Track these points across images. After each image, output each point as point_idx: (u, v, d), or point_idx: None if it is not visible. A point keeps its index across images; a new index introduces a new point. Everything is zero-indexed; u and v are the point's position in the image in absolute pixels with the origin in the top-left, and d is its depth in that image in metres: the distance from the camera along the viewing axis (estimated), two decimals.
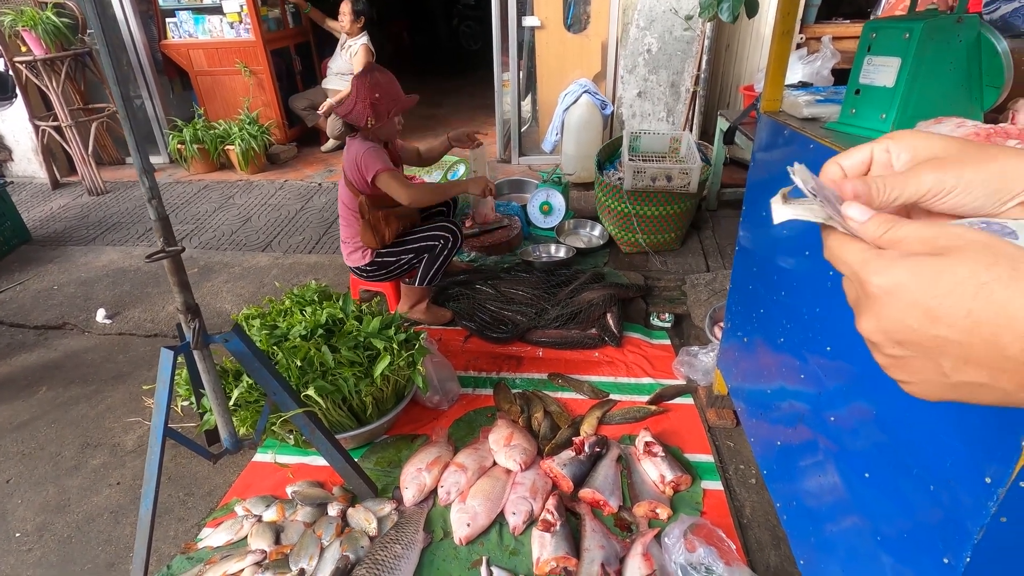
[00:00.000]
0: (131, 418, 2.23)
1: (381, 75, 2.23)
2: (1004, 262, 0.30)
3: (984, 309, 0.29)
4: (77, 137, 4.33)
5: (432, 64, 9.27)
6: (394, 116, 2.28)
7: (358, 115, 2.21)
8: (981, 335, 0.30)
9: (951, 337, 0.31)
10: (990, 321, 0.29)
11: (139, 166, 1.25)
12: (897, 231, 0.34)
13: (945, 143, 0.38)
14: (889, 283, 0.33)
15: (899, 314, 0.32)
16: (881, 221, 0.35)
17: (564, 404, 2.18)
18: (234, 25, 4.66)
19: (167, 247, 1.33)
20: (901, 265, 0.33)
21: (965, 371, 0.32)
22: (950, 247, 0.32)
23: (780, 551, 1.62)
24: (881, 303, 0.33)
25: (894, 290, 0.32)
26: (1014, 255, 0.30)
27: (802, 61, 3.04)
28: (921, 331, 0.32)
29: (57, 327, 2.89)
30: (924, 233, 0.33)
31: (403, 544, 1.58)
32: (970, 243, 0.31)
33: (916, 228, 0.33)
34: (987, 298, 0.29)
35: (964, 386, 0.32)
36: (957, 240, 0.32)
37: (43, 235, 3.90)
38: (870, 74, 1.28)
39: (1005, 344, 0.29)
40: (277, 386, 1.53)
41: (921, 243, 0.33)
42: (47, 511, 1.85)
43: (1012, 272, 0.29)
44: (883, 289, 0.33)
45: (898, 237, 0.34)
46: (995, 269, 0.30)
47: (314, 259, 3.43)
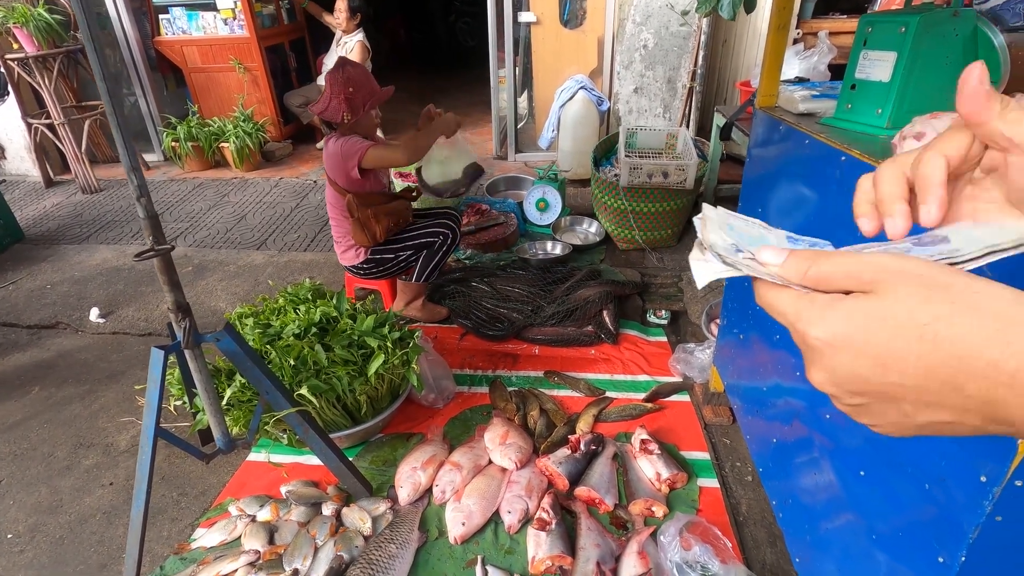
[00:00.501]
0: (124, 418, 2.22)
1: (353, 69, 2.20)
2: (939, 295, 0.28)
3: (933, 353, 0.28)
4: (70, 135, 4.30)
5: (429, 61, 9.23)
6: (370, 109, 2.26)
7: (333, 111, 2.20)
8: (937, 378, 0.28)
9: (906, 383, 0.29)
10: (943, 364, 0.28)
11: (127, 164, 1.23)
12: (819, 268, 0.32)
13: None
14: (828, 335, 0.31)
15: (847, 366, 0.31)
16: (799, 260, 0.33)
17: (560, 402, 2.18)
18: (228, 21, 4.62)
19: (156, 245, 1.32)
20: (835, 313, 0.31)
21: (928, 413, 0.30)
22: (877, 281, 0.30)
23: (776, 549, 1.62)
24: (825, 355, 0.32)
25: (834, 341, 0.31)
26: (947, 284, 0.28)
27: (799, 56, 3.03)
28: (874, 380, 0.30)
29: (50, 326, 2.87)
30: (848, 267, 0.31)
31: (398, 543, 1.58)
32: (896, 276, 0.29)
33: (838, 263, 0.32)
34: (932, 340, 0.28)
35: (931, 425, 0.31)
36: (883, 272, 0.30)
37: (36, 234, 3.88)
38: (866, 69, 1.26)
39: (962, 384, 0.28)
40: (270, 385, 1.52)
41: (848, 278, 0.31)
42: (39, 512, 1.84)
43: (951, 307, 0.28)
44: (823, 341, 0.31)
45: (823, 274, 0.32)
46: (932, 306, 0.28)
47: (309, 257, 3.41)
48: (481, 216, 3.37)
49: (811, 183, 1.34)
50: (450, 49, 9.48)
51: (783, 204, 1.51)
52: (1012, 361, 0.26)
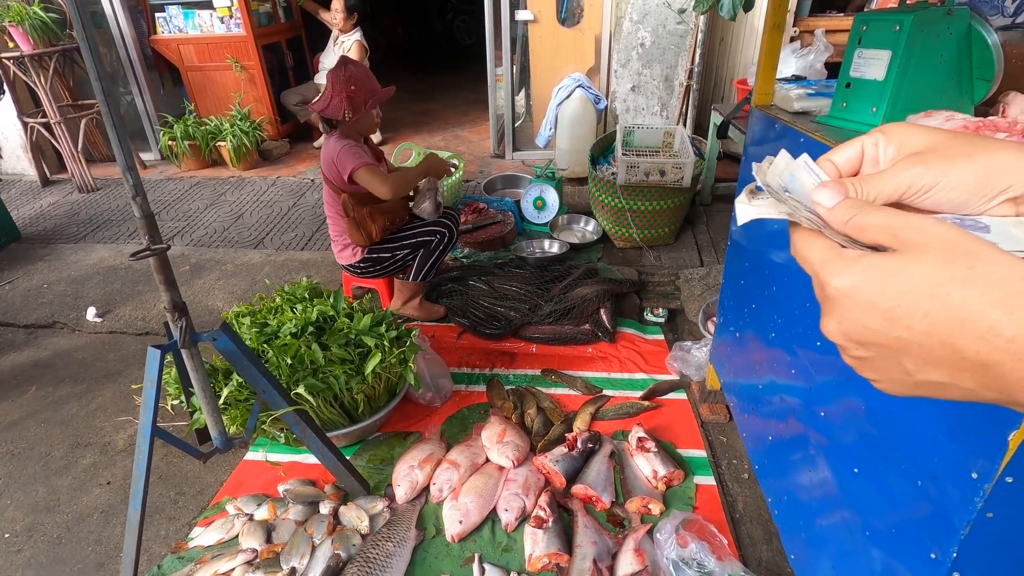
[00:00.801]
0: (122, 417, 2.22)
1: (355, 68, 2.21)
2: (960, 260, 0.29)
3: (940, 311, 0.29)
4: (66, 134, 4.29)
5: (426, 59, 9.22)
6: (371, 108, 2.26)
7: (335, 109, 2.20)
8: (939, 337, 0.29)
9: (911, 339, 0.30)
10: (946, 323, 0.29)
11: (122, 163, 1.23)
12: (864, 218, 0.33)
13: (931, 136, 0.37)
14: (846, 285, 0.32)
15: (858, 316, 0.32)
16: (849, 205, 0.34)
17: (557, 400, 2.18)
18: (224, 20, 4.61)
19: (152, 245, 1.32)
20: (858, 266, 0.32)
21: (927, 371, 0.31)
22: (911, 242, 0.31)
23: (772, 546, 1.62)
24: (840, 305, 0.33)
25: (851, 292, 0.32)
26: (972, 251, 0.29)
27: (795, 55, 3.03)
28: (881, 333, 0.31)
29: (47, 326, 2.86)
30: (890, 222, 0.32)
31: (395, 542, 1.58)
32: (932, 238, 0.30)
33: (883, 216, 0.32)
34: (943, 300, 0.29)
35: (928, 384, 0.32)
36: (919, 234, 0.31)
37: (33, 233, 3.87)
38: (860, 67, 1.27)
39: (962, 347, 0.29)
40: (267, 384, 1.52)
41: (885, 233, 0.32)
42: (36, 511, 1.84)
43: (967, 272, 0.29)
44: (841, 291, 0.32)
45: (864, 224, 0.33)
46: (951, 268, 0.29)
47: (307, 256, 3.41)
48: (478, 215, 3.38)
49: None
50: (447, 47, 9.47)
51: None
52: (1012, 327, 0.27)
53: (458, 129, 5.64)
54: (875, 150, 0.38)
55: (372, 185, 2.23)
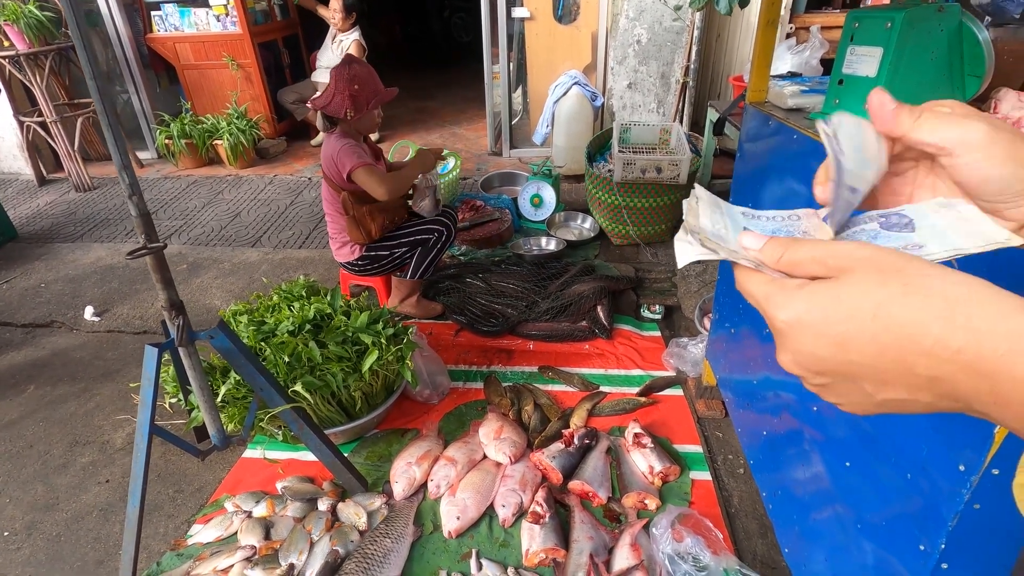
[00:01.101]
0: (120, 415, 2.22)
1: (360, 67, 2.21)
2: (893, 278, 0.30)
3: (885, 332, 0.29)
4: (63, 132, 4.28)
5: (424, 57, 9.21)
6: (373, 108, 2.26)
7: (336, 107, 2.20)
8: (889, 357, 0.30)
9: (862, 362, 0.31)
10: (893, 343, 0.29)
11: (117, 162, 1.24)
12: (793, 253, 0.34)
13: None
14: (791, 317, 0.33)
15: (808, 347, 0.32)
16: (776, 245, 0.35)
17: (554, 397, 2.19)
18: (220, 18, 4.60)
19: (149, 243, 1.32)
20: (799, 297, 0.33)
21: (885, 390, 0.32)
22: (841, 267, 0.32)
23: (767, 539, 1.64)
24: (790, 337, 0.33)
25: (797, 324, 0.33)
26: (902, 267, 0.30)
27: (791, 51, 3.03)
28: (833, 360, 0.32)
29: (45, 325, 2.87)
30: (817, 252, 0.33)
31: (393, 538, 1.59)
32: (860, 261, 0.31)
33: (809, 249, 0.33)
34: (885, 320, 0.29)
35: (890, 402, 0.32)
36: (847, 260, 0.32)
37: (30, 232, 3.86)
38: (853, 64, 1.27)
39: (911, 363, 0.29)
40: (264, 382, 1.53)
41: (815, 263, 0.33)
42: (36, 509, 1.85)
43: (903, 287, 0.29)
44: (787, 324, 0.33)
45: (795, 260, 0.34)
46: (886, 288, 0.30)
47: (304, 254, 3.41)
48: (476, 212, 3.38)
49: (799, 177, 1.36)
50: (445, 45, 9.45)
51: (773, 198, 1.52)
52: (956, 338, 0.28)
53: (455, 127, 5.64)
54: None
55: (370, 186, 2.24)
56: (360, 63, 2.23)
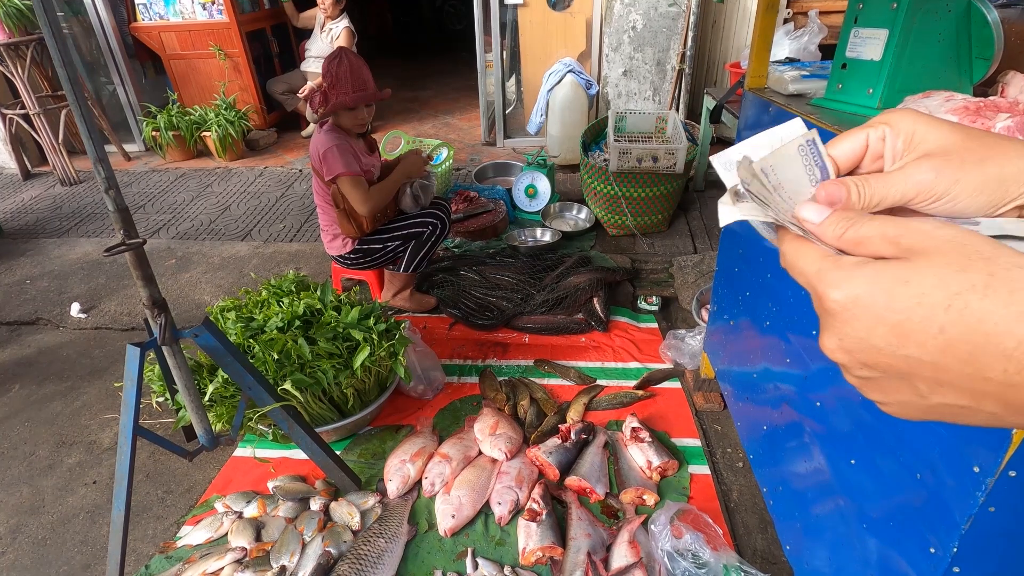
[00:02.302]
0: (107, 415, 2.18)
1: (339, 64, 2.10)
2: (978, 266, 0.26)
3: (957, 324, 0.25)
4: (46, 125, 4.19)
5: (416, 45, 9.08)
6: (350, 107, 2.14)
7: (312, 99, 2.15)
8: (956, 355, 0.26)
9: (923, 358, 0.27)
10: (965, 339, 0.25)
11: (92, 155, 1.18)
12: (858, 229, 0.30)
13: (943, 134, 0.33)
14: (847, 297, 0.28)
15: (862, 333, 0.28)
16: (839, 219, 0.31)
17: (551, 391, 2.16)
18: (206, 6, 4.50)
19: (128, 240, 1.27)
20: (860, 275, 0.28)
21: (942, 393, 0.28)
22: (916, 248, 0.27)
23: (767, 535, 1.61)
24: (841, 320, 0.29)
25: (853, 305, 0.28)
26: (990, 255, 0.26)
27: (789, 37, 2.98)
28: (888, 351, 0.28)
29: (30, 322, 2.81)
30: (888, 231, 0.29)
31: (387, 537, 1.56)
32: (940, 243, 0.27)
33: (879, 225, 0.29)
34: (960, 311, 0.25)
35: (944, 408, 0.28)
36: (925, 239, 0.27)
37: (14, 227, 3.78)
38: (857, 47, 1.23)
39: (984, 365, 0.25)
40: (252, 380, 1.48)
41: (885, 243, 0.29)
42: (21, 512, 1.80)
43: (988, 278, 0.25)
44: (841, 304, 0.29)
45: (860, 236, 0.30)
46: (968, 275, 0.26)
47: (295, 247, 3.35)
48: (469, 203, 3.33)
49: None
50: (437, 33, 9.33)
51: None
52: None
53: (448, 116, 5.56)
54: (880, 145, 0.35)
55: (353, 197, 2.18)
56: (348, 57, 2.13)
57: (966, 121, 0.92)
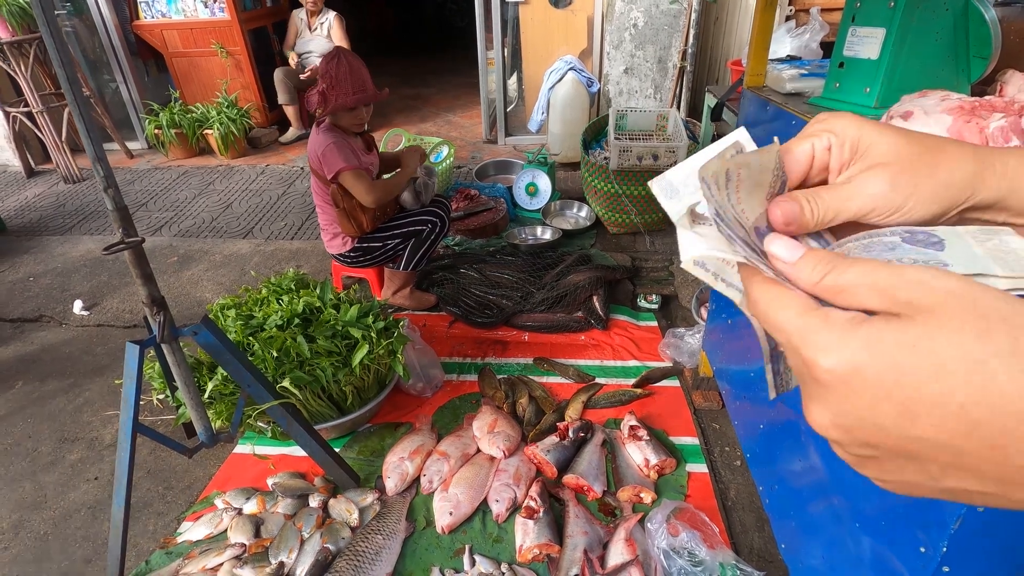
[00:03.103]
0: (109, 411, 2.19)
1: (338, 65, 2.10)
2: (999, 329, 0.22)
3: (981, 402, 0.22)
4: (49, 123, 4.21)
5: (418, 42, 9.08)
6: (349, 108, 2.15)
7: (310, 99, 2.14)
8: (980, 438, 0.22)
9: (939, 440, 0.23)
10: (990, 420, 0.22)
11: (91, 154, 1.19)
12: (840, 275, 0.26)
13: (893, 140, 0.31)
14: (844, 367, 0.24)
15: (863, 411, 0.24)
16: (816, 262, 0.27)
17: (550, 389, 2.16)
18: (208, 4, 4.51)
19: (127, 238, 1.28)
20: (856, 338, 0.24)
21: (960, 477, 0.24)
22: (917, 303, 0.23)
23: (764, 533, 1.62)
24: (837, 394, 0.25)
25: (852, 378, 0.24)
26: (1009, 315, 0.22)
27: (790, 34, 2.97)
28: (896, 432, 0.24)
29: (33, 319, 2.82)
30: (879, 279, 0.25)
31: (385, 534, 1.57)
32: (945, 297, 0.23)
33: (866, 272, 0.25)
34: (984, 386, 0.21)
35: (962, 492, 0.25)
36: (926, 293, 0.23)
37: (18, 225, 3.81)
38: (854, 46, 1.23)
39: (1016, 451, 0.22)
40: (251, 378, 1.49)
41: (875, 294, 0.25)
42: (23, 508, 1.82)
43: (1013, 344, 0.21)
44: (837, 376, 0.24)
45: (842, 284, 0.26)
46: (989, 341, 0.22)
47: (296, 245, 3.36)
48: (470, 201, 3.33)
49: None
50: (439, 30, 9.32)
51: None
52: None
53: (450, 114, 5.56)
54: (826, 155, 0.33)
55: (357, 191, 2.18)
56: (347, 58, 2.12)
57: (961, 121, 0.92)
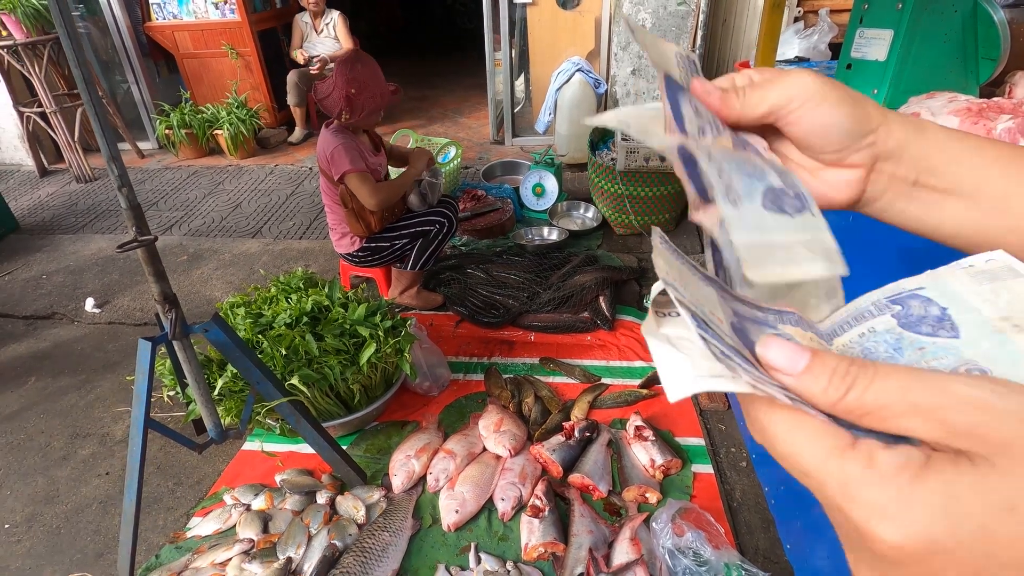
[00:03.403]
0: (120, 408, 2.22)
1: (363, 68, 2.13)
2: None
3: None
4: (63, 123, 4.26)
5: (425, 43, 9.11)
6: (372, 112, 2.19)
7: (332, 105, 2.15)
8: None
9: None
10: None
11: (106, 153, 1.21)
12: (866, 394, 0.20)
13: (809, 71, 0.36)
14: (917, 543, 0.18)
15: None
16: (831, 373, 0.21)
17: (555, 388, 2.17)
18: (219, 5, 4.55)
19: (140, 236, 1.30)
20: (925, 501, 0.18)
21: None
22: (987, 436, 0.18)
23: (770, 533, 1.62)
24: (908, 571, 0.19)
25: (929, 558, 0.18)
26: None
27: (798, 36, 2.97)
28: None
29: (46, 317, 2.86)
30: (918, 399, 0.19)
31: (391, 531, 1.58)
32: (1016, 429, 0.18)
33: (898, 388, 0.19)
34: None
35: None
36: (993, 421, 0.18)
37: (31, 223, 3.86)
38: (862, 47, 1.23)
39: None
40: (260, 375, 1.51)
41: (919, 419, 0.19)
42: (36, 502, 1.85)
43: None
44: (908, 553, 0.19)
45: (869, 405, 0.20)
46: None
47: (305, 244, 3.39)
48: (477, 202, 3.34)
49: None
50: (447, 31, 9.35)
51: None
52: None
53: (457, 115, 5.58)
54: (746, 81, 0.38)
55: (361, 193, 2.20)
56: (364, 61, 2.15)
57: (967, 122, 0.92)
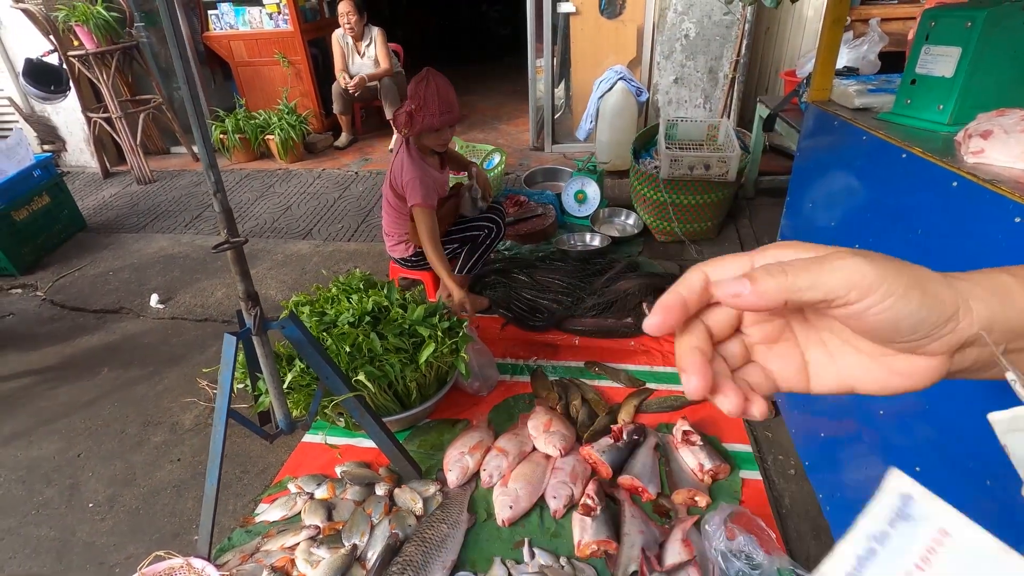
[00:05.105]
0: (187, 398, 2.35)
1: (426, 87, 2.15)
2: None
3: None
4: (126, 128, 4.50)
5: (460, 51, 9.25)
6: (436, 129, 2.22)
7: (398, 117, 2.24)
8: None
9: None
10: None
11: (205, 162, 1.32)
12: None
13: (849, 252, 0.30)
14: None
15: None
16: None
17: (601, 392, 2.21)
18: (273, 16, 4.74)
19: (231, 238, 1.40)
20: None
21: None
22: None
23: (820, 542, 1.63)
24: None
25: None
26: None
27: (848, 45, 2.95)
28: None
29: (114, 311, 3.04)
30: None
31: (449, 524, 1.65)
32: None
33: None
34: None
35: None
36: None
37: (97, 223, 4.08)
38: (927, 64, 1.25)
39: None
40: (330, 371, 1.60)
41: None
42: (115, 484, 1.98)
43: None
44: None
45: None
46: None
47: (353, 247, 3.51)
48: (520, 207, 3.41)
49: (867, 179, 1.34)
50: (482, 38, 9.47)
51: (834, 198, 1.50)
52: None
53: (496, 121, 5.67)
54: None
55: (419, 227, 2.29)
56: (436, 80, 2.16)
57: None
